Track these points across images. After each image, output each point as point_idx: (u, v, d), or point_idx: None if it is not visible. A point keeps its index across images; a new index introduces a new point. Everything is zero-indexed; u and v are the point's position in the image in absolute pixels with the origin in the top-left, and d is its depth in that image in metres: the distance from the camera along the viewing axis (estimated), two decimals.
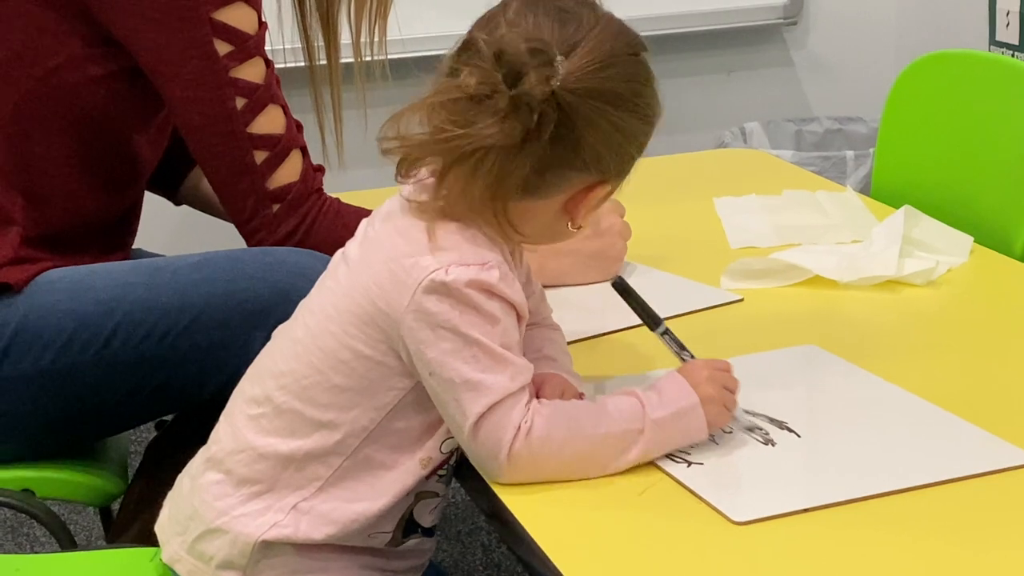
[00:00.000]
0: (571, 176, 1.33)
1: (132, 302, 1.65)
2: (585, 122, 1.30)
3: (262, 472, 1.36)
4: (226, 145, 1.67)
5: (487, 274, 1.30)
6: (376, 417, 1.34)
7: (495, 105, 1.27)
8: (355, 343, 1.33)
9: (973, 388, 1.48)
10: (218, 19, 1.63)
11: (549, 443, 1.29)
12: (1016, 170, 2.01)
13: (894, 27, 3.70)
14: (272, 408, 1.37)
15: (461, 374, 1.29)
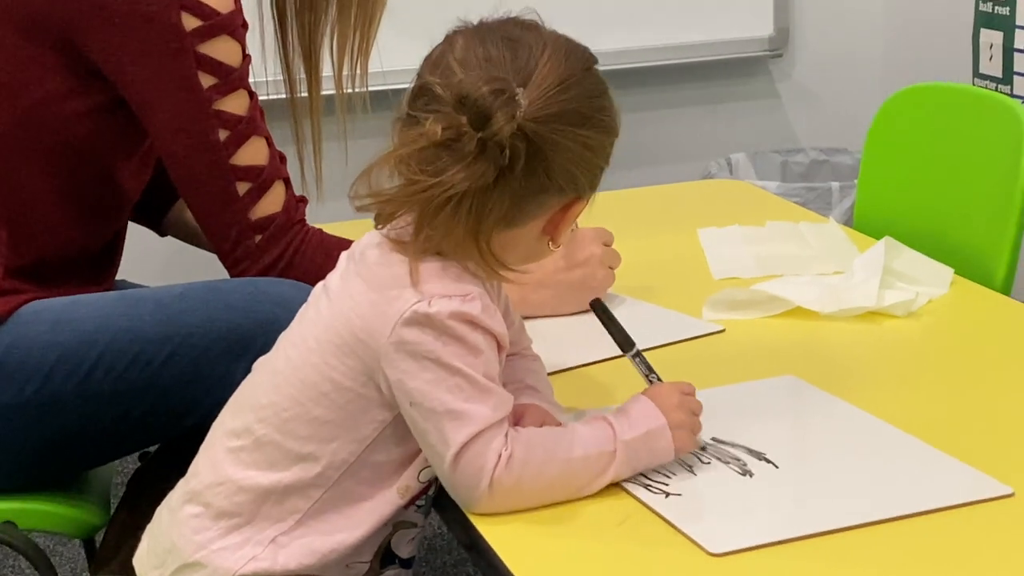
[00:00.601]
0: (547, 200, 1.34)
1: (114, 333, 1.65)
2: (553, 147, 1.30)
3: (241, 505, 1.36)
4: (209, 176, 1.68)
5: (469, 306, 1.31)
6: (356, 450, 1.34)
7: (463, 149, 1.27)
8: (336, 375, 1.33)
9: (953, 420, 1.48)
10: (202, 52, 1.64)
11: (528, 469, 1.30)
12: (997, 202, 2.02)
13: (880, 59, 3.72)
14: (252, 440, 1.37)
15: (444, 403, 1.29)
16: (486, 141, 1.27)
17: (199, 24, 1.63)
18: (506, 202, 1.30)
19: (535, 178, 1.31)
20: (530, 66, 1.30)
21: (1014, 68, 2.87)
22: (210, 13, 1.64)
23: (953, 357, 1.69)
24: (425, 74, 1.33)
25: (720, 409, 1.50)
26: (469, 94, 1.27)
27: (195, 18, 1.63)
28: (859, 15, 3.72)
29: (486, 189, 1.29)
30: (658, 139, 3.56)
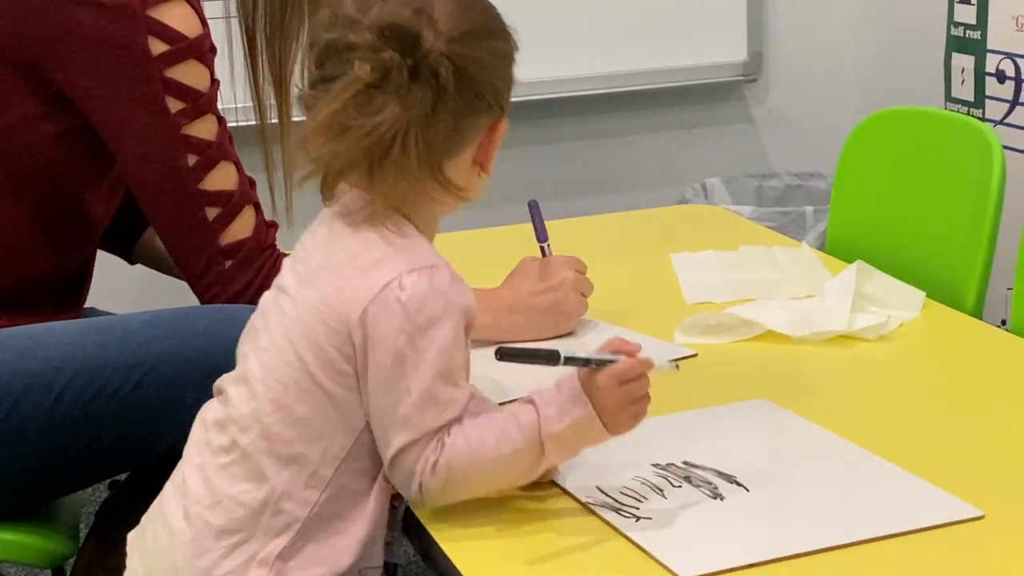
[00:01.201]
0: (478, 121, 1.36)
1: (82, 360, 1.64)
2: (475, 63, 1.33)
3: (240, 521, 1.34)
4: (178, 202, 1.68)
5: (438, 278, 1.31)
6: (347, 443, 1.33)
7: (396, 81, 1.29)
8: (314, 369, 1.33)
9: (924, 443, 1.48)
10: (170, 76, 1.64)
11: (454, 472, 1.31)
12: (968, 226, 2.03)
13: (854, 83, 3.74)
14: (240, 453, 1.35)
15: (393, 404, 1.30)
16: (418, 65, 1.29)
17: (166, 49, 1.63)
18: (449, 124, 1.32)
19: (467, 96, 1.33)
20: None
21: (985, 92, 2.89)
22: (177, 37, 1.64)
23: (925, 380, 1.69)
24: (322, 35, 1.33)
25: (692, 432, 1.51)
26: (392, 22, 1.29)
27: (162, 43, 1.63)
28: (832, 40, 3.74)
29: (427, 117, 1.30)
30: (633, 164, 3.57)
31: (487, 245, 2.26)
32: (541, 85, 3.31)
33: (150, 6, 1.63)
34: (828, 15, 3.72)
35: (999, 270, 2.01)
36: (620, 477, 1.40)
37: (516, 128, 1.44)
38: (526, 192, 2.48)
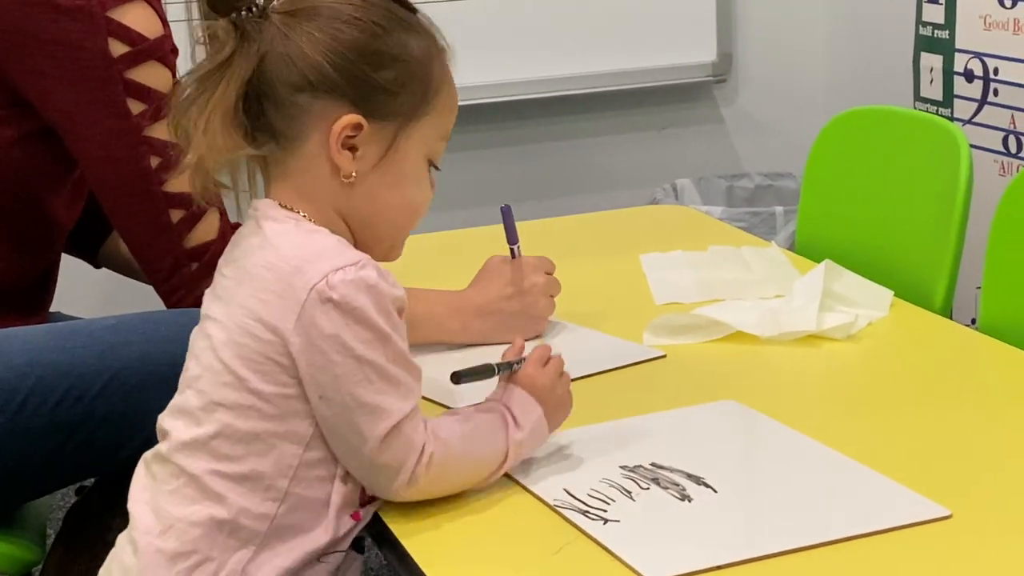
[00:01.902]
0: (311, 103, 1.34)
1: (46, 366, 1.63)
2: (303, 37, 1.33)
3: (195, 542, 1.32)
4: (141, 204, 1.67)
5: (365, 273, 1.30)
6: (297, 451, 1.32)
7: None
8: (254, 384, 1.31)
9: (892, 442, 1.48)
10: (131, 78, 1.63)
11: (445, 469, 1.33)
12: (936, 225, 2.03)
13: (823, 83, 3.75)
14: (188, 478, 1.33)
15: (356, 397, 1.29)
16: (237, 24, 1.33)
17: (127, 50, 1.62)
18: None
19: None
20: None
21: (954, 91, 2.90)
22: (138, 39, 1.63)
23: (893, 380, 1.69)
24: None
25: (660, 434, 1.51)
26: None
27: (122, 44, 1.62)
28: (801, 40, 3.75)
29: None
30: (604, 165, 3.57)
31: (459, 246, 2.26)
32: (511, 86, 3.31)
33: (109, 7, 1.62)
34: (797, 15, 3.73)
35: (967, 269, 2.01)
36: (588, 479, 1.40)
37: (487, 129, 1.44)
38: (496, 192, 2.49)
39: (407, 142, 1.38)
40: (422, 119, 1.38)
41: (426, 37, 1.40)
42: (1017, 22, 2.73)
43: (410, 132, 1.38)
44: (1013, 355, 1.71)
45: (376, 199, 1.38)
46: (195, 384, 1.36)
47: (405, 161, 1.38)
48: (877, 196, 2.21)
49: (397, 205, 1.40)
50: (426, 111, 1.39)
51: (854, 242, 2.19)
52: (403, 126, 1.37)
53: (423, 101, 1.38)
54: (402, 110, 1.37)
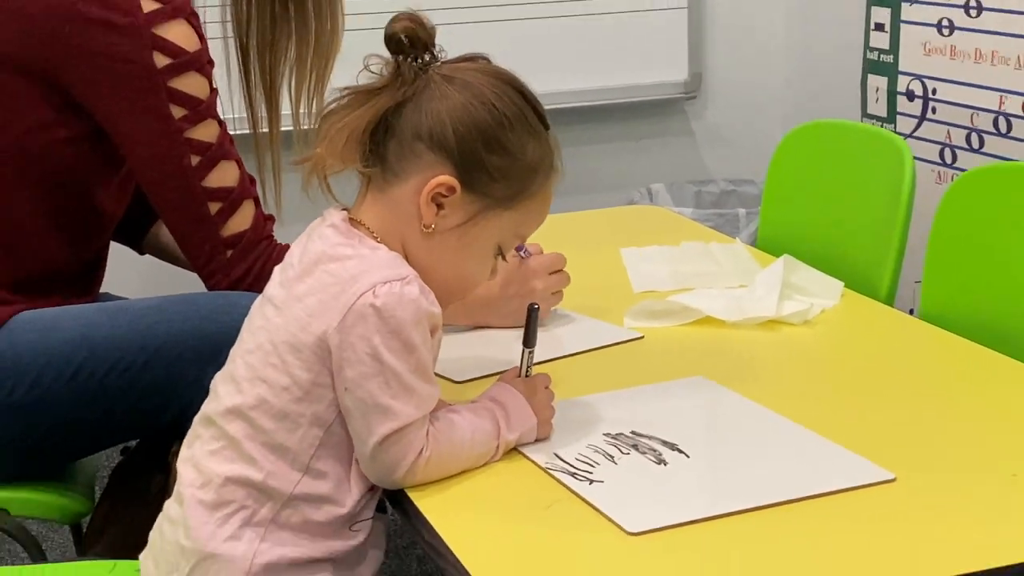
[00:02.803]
0: (417, 162, 1.34)
1: (97, 340, 1.63)
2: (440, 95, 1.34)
3: (231, 493, 1.32)
4: (183, 199, 1.66)
5: (408, 289, 1.29)
6: (319, 433, 1.32)
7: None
8: (294, 370, 1.31)
9: (843, 414, 1.48)
10: (173, 87, 1.62)
11: (439, 464, 1.33)
12: (882, 224, 2.03)
13: (782, 100, 3.74)
14: (228, 441, 1.34)
15: (373, 396, 1.29)
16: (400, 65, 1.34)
17: (169, 62, 1.61)
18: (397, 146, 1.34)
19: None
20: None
21: (897, 108, 2.90)
22: (179, 52, 1.62)
23: (843, 360, 1.69)
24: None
25: (639, 406, 1.50)
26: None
27: (165, 56, 1.61)
28: (763, 62, 3.74)
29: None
30: (587, 171, 3.56)
31: None
32: None
33: (154, 24, 1.61)
34: (759, 40, 3.73)
35: (909, 264, 2.01)
36: (575, 445, 1.40)
37: None
38: None
39: (486, 222, 1.36)
40: (507, 211, 1.37)
41: (545, 151, 1.39)
42: (953, 48, 2.73)
43: (493, 216, 1.36)
44: (949, 339, 1.71)
45: (440, 256, 1.36)
46: (247, 357, 1.36)
47: (479, 237, 1.37)
48: (830, 200, 2.20)
49: (454, 270, 1.38)
50: (514, 206, 1.37)
51: (809, 240, 2.18)
52: (490, 208, 1.36)
53: (515, 197, 1.37)
54: (494, 194, 1.35)
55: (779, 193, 2.33)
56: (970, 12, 2.68)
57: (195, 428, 1.40)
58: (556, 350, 1.68)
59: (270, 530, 1.31)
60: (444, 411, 1.37)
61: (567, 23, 3.48)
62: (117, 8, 1.59)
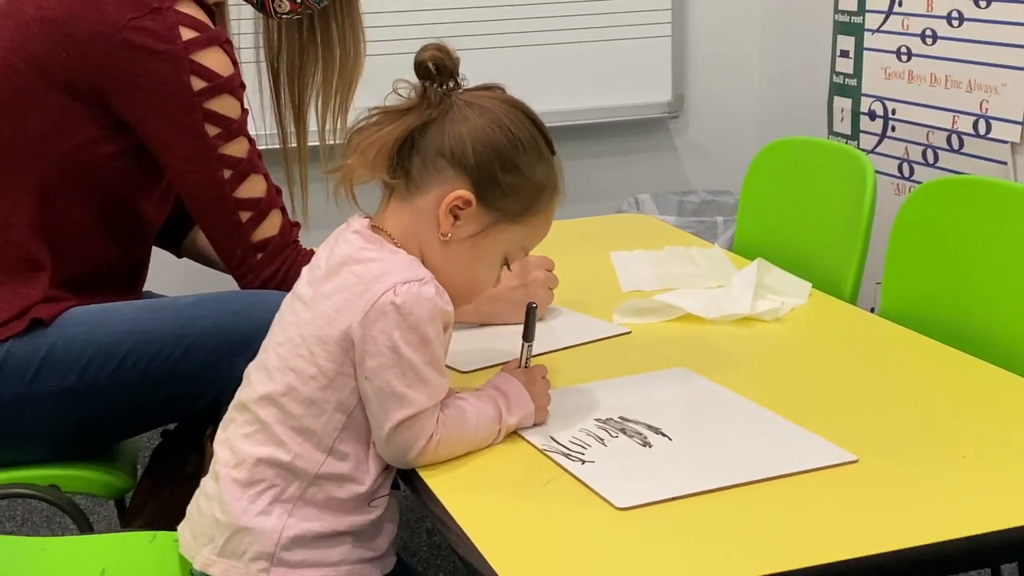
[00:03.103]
0: (439, 176, 1.34)
1: (140, 333, 1.63)
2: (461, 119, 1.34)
3: (262, 473, 1.32)
4: (216, 208, 1.66)
5: (426, 289, 1.30)
6: (342, 418, 1.32)
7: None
8: (320, 361, 1.31)
9: (810, 402, 1.48)
10: (208, 107, 1.62)
11: (447, 447, 1.33)
12: (846, 231, 2.03)
13: (755, 120, 3.74)
14: (260, 425, 1.34)
15: (390, 385, 1.29)
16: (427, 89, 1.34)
17: (204, 85, 1.62)
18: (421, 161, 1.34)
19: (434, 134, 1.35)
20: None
21: (860, 127, 2.90)
22: (214, 76, 1.62)
23: (811, 353, 1.69)
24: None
25: (626, 393, 1.50)
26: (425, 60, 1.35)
27: (201, 80, 1.62)
28: (739, 84, 3.74)
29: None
30: (579, 183, 3.56)
31: None
32: None
33: (192, 51, 1.61)
34: (736, 65, 3.73)
35: (871, 267, 2.01)
36: (569, 429, 1.40)
37: None
38: None
39: (496, 234, 1.37)
40: (515, 225, 1.38)
41: (551, 174, 1.40)
42: (911, 72, 2.73)
43: (503, 229, 1.37)
44: (906, 335, 1.71)
45: (454, 263, 1.37)
46: (278, 349, 1.36)
47: (489, 247, 1.38)
48: (799, 209, 2.20)
49: (466, 275, 1.38)
50: (521, 221, 1.38)
51: (781, 244, 2.18)
52: (500, 221, 1.37)
53: (523, 212, 1.38)
54: (505, 209, 1.36)
55: (754, 203, 2.33)
56: (926, 40, 2.68)
57: (230, 413, 1.40)
58: (552, 343, 1.68)
59: (297, 506, 1.32)
60: (452, 398, 1.37)
61: (564, 49, 3.48)
62: (159, 36, 1.60)
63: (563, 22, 3.46)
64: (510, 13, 3.41)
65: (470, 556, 1.16)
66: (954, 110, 2.61)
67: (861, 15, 2.86)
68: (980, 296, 1.76)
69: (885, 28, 2.80)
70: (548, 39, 3.46)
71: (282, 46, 1.88)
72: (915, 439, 1.37)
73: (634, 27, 3.55)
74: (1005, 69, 2.47)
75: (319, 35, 1.84)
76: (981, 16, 2.53)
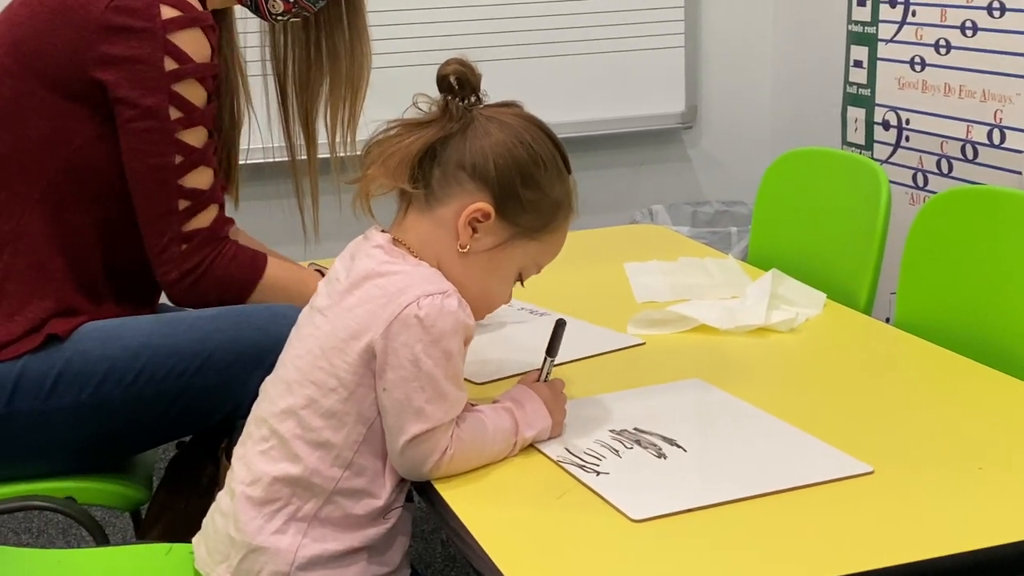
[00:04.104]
0: (459, 188, 1.35)
1: (155, 348, 1.63)
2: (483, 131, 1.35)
3: (278, 491, 1.32)
4: (156, 190, 1.64)
5: (449, 301, 1.30)
6: (363, 430, 1.32)
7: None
8: (341, 373, 1.31)
9: (825, 413, 1.48)
10: (175, 90, 1.61)
11: (461, 462, 1.33)
12: (860, 241, 2.02)
13: (769, 130, 3.74)
14: (277, 440, 1.34)
15: (409, 398, 1.29)
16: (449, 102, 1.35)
17: (176, 67, 1.61)
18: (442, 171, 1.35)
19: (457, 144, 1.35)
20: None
21: (874, 137, 2.90)
22: (187, 59, 1.61)
23: (826, 364, 1.69)
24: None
25: (640, 404, 1.50)
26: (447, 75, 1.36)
27: (174, 61, 1.61)
28: (753, 95, 3.74)
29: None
30: (594, 193, 3.57)
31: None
32: None
33: (170, 31, 1.60)
34: (749, 75, 3.73)
35: (885, 278, 2.01)
36: (584, 440, 1.40)
37: None
38: None
39: (513, 249, 1.38)
40: (532, 241, 1.39)
41: (567, 192, 1.41)
42: (924, 83, 2.73)
43: (519, 244, 1.38)
44: (922, 346, 1.71)
45: (471, 275, 1.37)
46: (296, 361, 1.36)
47: (505, 261, 1.38)
48: (813, 219, 2.20)
49: (480, 288, 1.38)
50: (538, 237, 1.39)
51: (795, 255, 2.18)
52: (518, 236, 1.37)
53: (539, 228, 1.38)
54: (523, 224, 1.37)
55: (768, 213, 2.33)
56: (939, 50, 2.68)
57: (248, 427, 1.40)
58: (566, 354, 1.67)
59: (312, 525, 1.31)
60: (469, 411, 1.37)
61: (578, 60, 3.48)
62: (138, 14, 1.59)
63: (577, 33, 3.47)
64: (525, 24, 3.42)
65: (485, 568, 1.16)
66: (968, 120, 2.60)
67: (875, 25, 2.86)
68: (996, 306, 1.75)
69: (899, 38, 2.79)
70: (562, 50, 3.47)
71: (288, 57, 1.88)
72: (930, 450, 1.37)
73: (647, 38, 3.55)
74: (1019, 79, 2.47)
75: (324, 45, 1.85)
76: (995, 26, 2.52)
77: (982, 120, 2.56)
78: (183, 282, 1.67)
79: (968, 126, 2.60)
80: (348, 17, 1.83)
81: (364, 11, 1.85)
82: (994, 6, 2.51)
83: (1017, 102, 2.48)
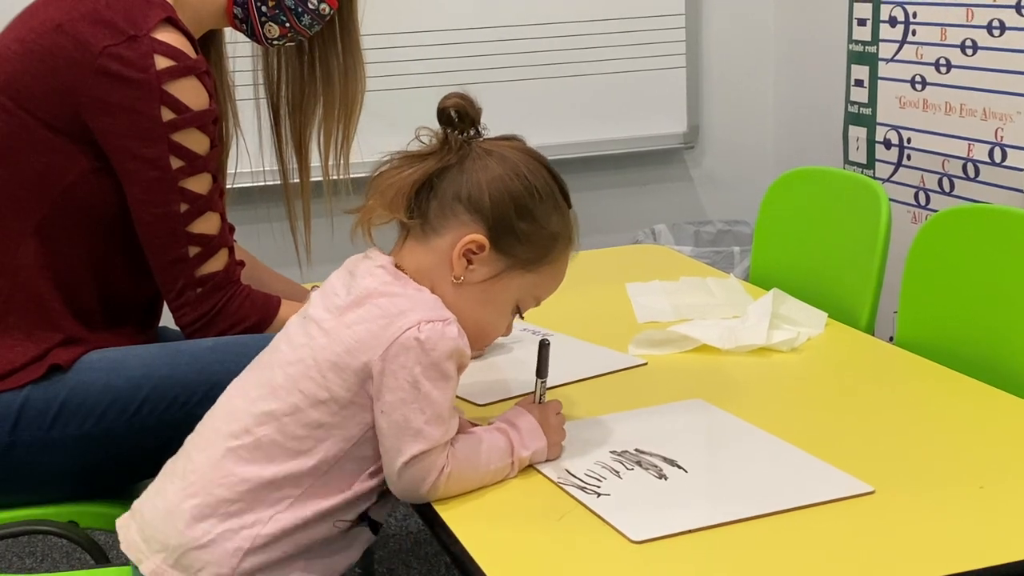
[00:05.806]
0: (454, 221, 1.35)
1: (158, 379, 1.63)
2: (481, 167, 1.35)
3: (242, 494, 1.32)
4: (167, 238, 1.65)
5: (449, 328, 1.30)
6: (344, 447, 1.32)
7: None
8: (333, 387, 1.31)
9: (826, 433, 1.48)
10: (175, 140, 1.61)
11: (458, 481, 1.33)
12: (861, 261, 2.03)
13: (770, 150, 3.75)
14: (252, 440, 1.33)
15: (407, 420, 1.29)
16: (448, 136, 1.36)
17: (174, 117, 1.61)
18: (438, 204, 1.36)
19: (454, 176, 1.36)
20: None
21: (875, 156, 2.90)
22: (184, 109, 1.61)
23: (827, 384, 1.69)
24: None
25: (642, 425, 1.50)
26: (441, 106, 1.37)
27: (171, 112, 1.61)
28: (755, 115, 3.75)
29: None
30: (596, 213, 3.57)
31: None
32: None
33: (165, 81, 1.60)
34: (751, 95, 3.74)
35: (887, 296, 2.01)
36: (584, 461, 1.40)
37: None
38: None
39: (509, 281, 1.38)
40: (528, 273, 1.39)
41: (566, 225, 1.41)
42: (926, 101, 2.73)
43: (515, 276, 1.38)
44: (923, 365, 1.71)
45: (465, 306, 1.37)
46: (286, 368, 1.35)
47: (500, 293, 1.38)
48: (815, 238, 2.20)
49: (475, 319, 1.38)
50: (535, 269, 1.39)
51: (797, 274, 2.18)
52: (513, 268, 1.38)
53: (536, 261, 1.39)
54: (519, 256, 1.37)
55: (769, 233, 2.33)
56: (940, 69, 2.68)
57: (214, 418, 1.39)
58: (568, 375, 1.68)
59: (266, 531, 1.31)
60: (464, 432, 1.37)
61: (579, 81, 3.49)
62: (133, 64, 1.59)
63: (579, 54, 3.48)
64: (526, 46, 3.42)
65: None
66: (969, 138, 2.60)
67: (875, 45, 2.87)
68: (998, 325, 1.75)
69: (899, 57, 2.80)
70: (565, 71, 3.48)
71: (282, 80, 1.88)
72: (932, 470, 1.37)
73: (649, 58, 3.56)
74: (1020, 97, 2.47)
75: (318, 68, 1.85)
76: (995, 45, 2.53)
77: (983, 138, 2.56)
78: (198, 323, 1.68)
79: (969, 144, 2.61)
80: (342, 40, 1.84)
81: (358, 33, 1.86)
82: (994, 25, 2.52)
83: (1018, 120, 2.48)
